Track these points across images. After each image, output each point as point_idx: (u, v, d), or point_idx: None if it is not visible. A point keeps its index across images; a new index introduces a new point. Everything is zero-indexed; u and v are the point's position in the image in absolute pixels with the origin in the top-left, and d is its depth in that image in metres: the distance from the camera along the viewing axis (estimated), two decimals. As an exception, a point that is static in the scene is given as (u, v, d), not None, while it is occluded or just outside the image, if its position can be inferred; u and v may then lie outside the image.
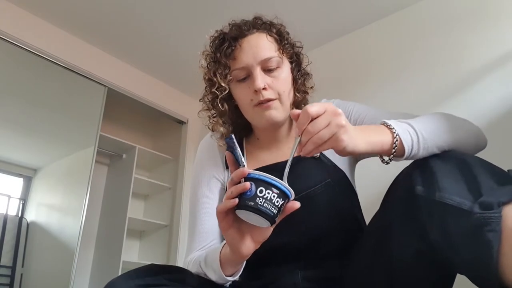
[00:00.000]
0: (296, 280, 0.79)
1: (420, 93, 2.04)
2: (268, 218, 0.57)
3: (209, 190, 0.91)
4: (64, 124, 2.53)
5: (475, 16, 1.98)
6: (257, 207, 0.56)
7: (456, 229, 0.54)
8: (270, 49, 0.86)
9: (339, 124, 0.60)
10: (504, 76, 1.80)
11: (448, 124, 0.71)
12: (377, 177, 1.26)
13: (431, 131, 0.67)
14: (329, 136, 0.59)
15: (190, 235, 0.90)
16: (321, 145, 0.60)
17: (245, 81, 0.86)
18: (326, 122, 0.59)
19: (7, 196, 2.37)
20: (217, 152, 0.96)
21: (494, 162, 0.61)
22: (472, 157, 0.62)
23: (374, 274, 0.71)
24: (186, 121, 3.16)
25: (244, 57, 0.85)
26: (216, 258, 0.71)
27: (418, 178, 0.61)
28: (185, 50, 2.64)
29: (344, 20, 2.40)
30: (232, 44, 0.86)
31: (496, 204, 0.51)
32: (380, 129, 0.67)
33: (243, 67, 0.85)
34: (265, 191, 0.56)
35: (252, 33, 0.88)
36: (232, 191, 0.58)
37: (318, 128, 0.59)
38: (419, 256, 0.63)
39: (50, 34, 2.42)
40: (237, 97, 0.89)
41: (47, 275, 2.29)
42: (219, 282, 0.73)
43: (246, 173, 0.57)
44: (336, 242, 0.82)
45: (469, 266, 0.55)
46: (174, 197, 2.95)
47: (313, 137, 0.60)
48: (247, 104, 0.86)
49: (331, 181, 0.84)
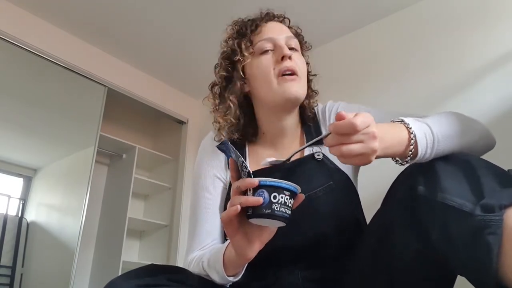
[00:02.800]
0: (297, 280, 0.79)
1: (420, 93, 2.04)
2: (284, 220, 0.58)
3: (210, 189, 0.91)
4: (64, 124, 2.53)
5: (475, 16, 1.98)
6: (274, 213, 0.57)
7: (456, 230, 0.54)
8: (291, 34, 0.93)
9: (373, 148, 0.58)
10: (504, 76, 1.80)
11: (462, 127, 0.69)
12: (378, 176, 1.25)
13: (447, 134, 0.66)
14: (357, 153, 0.58)
15: (190, 235, 0.90)
16: (345, 157, 0.59)
17: (268, 53, 0.88)
18: (362, 138, 0.57)
19: (7, 196, 2.37)
20: (218, 151, 0.95)
21: (494, 162, 0.61)
22: (476, 158, 0.61)
23: (374, 274, 0.70)
24: (186, 121, 3.16)
25: (269, 31, 0.90)
26: (219, 259, 0.70)
27: (420, 178, 0.61)
28: (185, 50, 2.63)
29: (344, 20, 2.40)
30: (257, 22, 0.92)
31: (498, 207, 0.51)
32: (397, 131, 0.64)
33: (269, 38, 0.89)
34: (278, 196, 0.57)
35: (276, 20, 0.95)
36: (242, 202, 0.57)
37: (351, 141, 0.57)
38: (419, 257, 0.63)
39: (50, 34, 2.42)
40: (259, 70, 0.88)
41: (47, 275, 2.29)
42: (221, 283, 0.73)
43: (256, 184, 0.57)
44: (337, 244, 0.82)
45: (469, 268, 0.54)
46: (174, 197, 2.95)
47: (342, 146, 0.58)
48: (269, 74, 0.86)
49: (333, 184, 0.83)
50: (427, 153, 0.63)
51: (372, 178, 1.43)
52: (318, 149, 0.89)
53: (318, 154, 0.87)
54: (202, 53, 2.56)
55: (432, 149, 0.63)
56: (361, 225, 0.86)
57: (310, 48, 1.01)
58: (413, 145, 0.62)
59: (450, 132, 0.67)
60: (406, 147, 0.63)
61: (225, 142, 0.63)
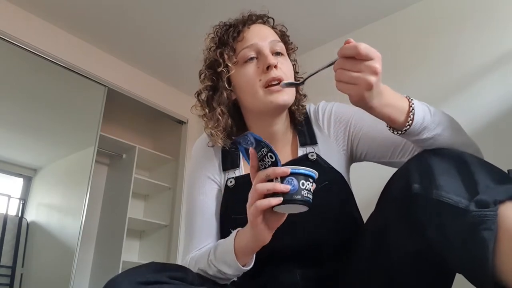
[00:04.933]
0: (295, 279, 0.79)
1: (420, 93, 2.04)
2: (309, 205, 0.62)
3: (205, 191, 0.90)
4: (64, 124, 2.53)
5: (475, 16, 1.98)
6: (304, 198, 0.60)
7: (452, 227, 0.54)
8: (276, 36, 0.90)
9: (368, 81, 0.59)
10: (504, 76, 1.80)
11: (457, 125, 0.71)
12: (376, 176, 1.25)
13: (443, 121, 0.68)
14: (353, 82, 0.60)
15: (187, 236, 0.90)
16: (341, 81, 0.61)
17: (252, 62, 0.85)
18: (362, 68, 0.59)
19: (7, 196, 2.37)
20: (212, 152, 0.94)
21: (493, 162, 0.61)
22: (470, 155, 0.61)
23: (372, 274, 0.71)
24: (186, 121, 3.16)
25: (253, 37, 0.86)
26: (229, 250, 0.71)
27: (415, 176, 0.61)
28: (185, 50, 2.64)
29: (344, 20, 2.40)
30: (239, 28, 0.88)
31: (492, 203, 0.51)
32: (400, 97, 0.67)
33: (252, 45, 0.85)
34: (306, 182, 0.61)
35: (259, 22, 0.91)
36: (269, 189, 0.60)
37: (352, 68, 0.60)
38: (416, 255, 0.63)
39: (50, 34, 2.42)
40: (243, 79, 0.85)
41: (47, 275, 2.29)
42: (232, 274, 0.74)
43: (288, 172, 0.60)
44: (334, 243, 0.82)
45: (465, 264, 0.54)
46: (174, 197, 2.95)
47: (343, 71, 0.60)
48: (255, 84, 0.83)
49: (328, 183, 0.83)
50: (422, 126, 0.65)
51: (369, 178, 1.43)
52: (311, 149, 0.89)
53: (311, 155, 0.87)
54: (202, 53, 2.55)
55: (428, 126, 0.65)
56: (358, 223, 0.86)
57: (296, 49, 0.97)
58: (411, 118, 0.64)
59: (446, 122, 0.68)
60: (406, 116, 0.64)
61: (248, 135, 0.65)
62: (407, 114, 0.65)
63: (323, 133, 0.92)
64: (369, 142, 0.85)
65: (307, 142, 0.91)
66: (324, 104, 0.97)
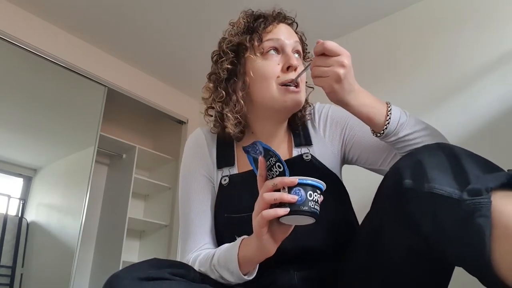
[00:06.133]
0: (293, 281, 0.79)
1: (420, 93, 2.05)
2: (316, 217, 0.61)
3: (201, 190, 0.89)
4: (64, 124, 2.53)
5: (475, 16, 1.98)
6: (311, 210, 0.60)
7: (447, 219, 0.54)
8: (298, 40, 0.92)
9: (337, 73, 0.69)
10: (504, 76, 1.80)
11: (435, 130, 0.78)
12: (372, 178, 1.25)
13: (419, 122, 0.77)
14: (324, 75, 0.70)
15: (184, 236, 0.88)
16: (315, 76, 0.72)
17: (273, 55, 0.86)
18: (331, 63, 0.69)
19: (7, 196, 2.37)
20: (206, 149, 0.93)
21: (493, 162, 0.60)
22: (459, 148, 0.61)
23: (369, 274, 0.70)
24: (186, 121, 3.16)
25: (279, 32, 0.88)
26: (232, 259, 0.70)
27: (406, 171, 0.61)
28: (185, 50, 2.64)
29: (344, 20, 2.40)
30: (269, 21, 0.89)
31: (485, 190, 0.50)
32: (379, 102, 0.76)
33: (278, 39, 0.86)
34: (313, 194, 0.60)
35: (286, 22, 0.93)
36: (277, 198, 0.60)
37: (323, 64, 0.70)
38: (413, 251, 0.63)
39: (50, 34, 2.42)
40: (262, 71, 0.85)
41: (47, 275, 2.29)
42: (235, 282, 0.74)
43: (296, 182, 0.60)
44: (330, 244, 0.81)
45: (463, 255, 0.54)
46: (174, 197, 2.95)
47: (317, 68, 0.71)
48: (273, 81, 0.84)
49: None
50: (400, 123, 0.74)
51: (365, 180, 1.43)
52: (306, 150, 0.89)
53: (306, 155, 0.87)
54: (202, 53, 2.56)
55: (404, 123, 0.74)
56: (353, 223, 0.86)
57: (309, 59, 0.96)
58: (389, 116, 0.73)
59: (423, 124, 0.77)
60: (385, 117, 0.74)
61: (256, 143, 0.65)
62: (386, 115, 0.73)
63: (318, 134, 0.92)
64: (362, 147, 0.87)
65: (302, 142, 0.91)
66: (320, 106, 0.97)
